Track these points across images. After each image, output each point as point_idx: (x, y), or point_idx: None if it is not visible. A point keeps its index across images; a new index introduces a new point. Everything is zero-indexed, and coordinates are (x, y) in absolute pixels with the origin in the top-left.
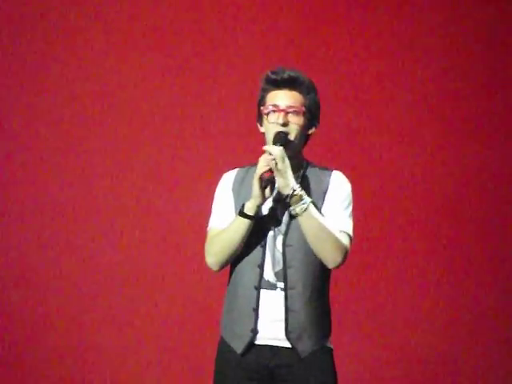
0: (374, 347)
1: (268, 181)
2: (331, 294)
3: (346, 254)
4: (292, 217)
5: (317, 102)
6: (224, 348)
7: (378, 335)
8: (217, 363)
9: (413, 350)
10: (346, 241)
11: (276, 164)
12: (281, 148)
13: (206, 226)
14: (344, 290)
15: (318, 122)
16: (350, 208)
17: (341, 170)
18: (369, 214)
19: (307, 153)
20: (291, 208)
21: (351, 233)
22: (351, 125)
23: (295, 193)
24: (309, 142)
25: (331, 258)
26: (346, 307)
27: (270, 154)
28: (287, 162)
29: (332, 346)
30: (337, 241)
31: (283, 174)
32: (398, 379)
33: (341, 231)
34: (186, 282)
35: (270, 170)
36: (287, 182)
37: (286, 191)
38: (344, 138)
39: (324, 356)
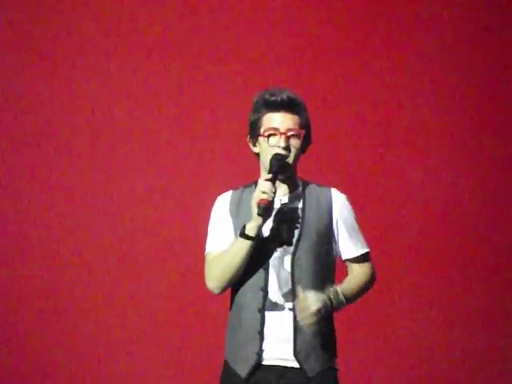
0: (378, 367)
1: (265, 210)
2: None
3: (375, 275)
4: (303, 232)
5: (309, 121)
6: (229, 371)
7: (382, 353)
8: None
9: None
10: (368, 267)
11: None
12: (268, 186)
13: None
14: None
15: (311, 141)
16: (357, 224)
17: (335, 186)
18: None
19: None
20: (337, 307)
21: (368, 248)
22: (349, 125)
23: (333, 300)
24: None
25: (369, 290)
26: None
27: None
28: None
29: (337, 367)
30: (368, 282)
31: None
32: None
33: (362, 255)
34: (188, 291)
35: (267, 200)
36: (324, 297)
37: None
38: (340, 140)
39: (330, 377)
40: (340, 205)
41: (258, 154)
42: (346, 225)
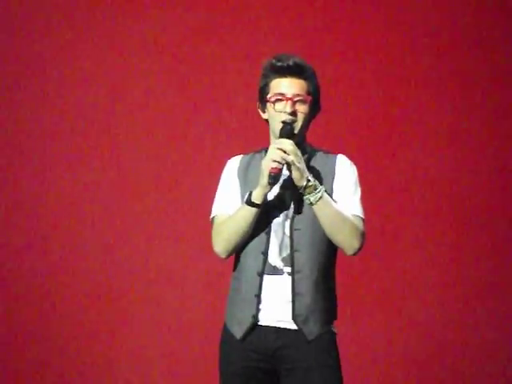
0: (376, 331)
1: (275, 178)
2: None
3: (363, 238)
4: (300, 204)
5: (318, 87)
6: (227, 333)
7: (382, 319)
8: (220, 349)
9: (419, 334)
10: (360, 225)
11: (289, 159)
12: (291, 142)
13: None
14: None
15: (320, 107)
16: (359, 191)
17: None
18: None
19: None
20: (305, 197)
21: (363, 216)
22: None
23: (309, 183)
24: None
25: (349, 244)
26: (351, 293)
27: (281, 150)
28: (299, 154)
29: (336, 331)
30: (353, 226)
31: (297, 167)
32: (401, 364)
33: (354, 215)
34: (191, 278)
35: (278, 168)
36: (302, 175)
37: (301, 183)
38: (348, 128)
39: (328, 340)
40: (342, 168)
41: (267, 121)
42: (343, 186)
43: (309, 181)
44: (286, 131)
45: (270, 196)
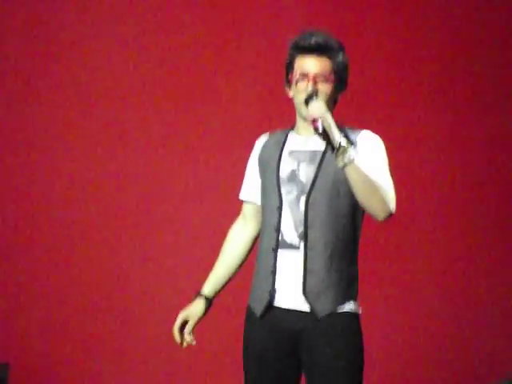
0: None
1: (320, 131)
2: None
3: (395, 203)
4: (319, 174)
5: (345, 64)
6: (249, 311)
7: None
8: (244, 329)
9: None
10: (392, 191)
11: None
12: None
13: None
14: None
15: (347, 85)
16: (387, 162)
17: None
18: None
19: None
20: (339, 159)
21: (393, 186)
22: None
23: (342, 144)
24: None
25: (380, 209)
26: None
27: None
28: (330, 115)
29: (359, 311)
30: (385, 190)
31: (331, 127)
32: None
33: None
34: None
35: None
36: (333, 136)
37: (335, 143)
38: None
39: (346, 319)
40: (365, 142)
41: (293, 98)
42: (370, 160)
43: (340, 142)
44: (311, 98)
45: (285, 172)
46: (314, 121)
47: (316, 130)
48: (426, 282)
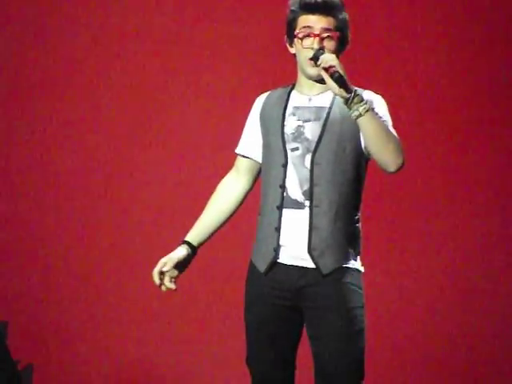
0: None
1: (339, 76)
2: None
3: (404, 156)
4: (326, 131)
5: (347, 21)
6: (252, 268)
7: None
8: (246, 284)
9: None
10: (401, 145)
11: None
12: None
13: None
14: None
15: (348, 42)
16: (390, 120)
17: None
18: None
19: None
20: (353, 109)
21: (396, 135)
22: None
23: (357, 93)
24: None
25: (393, 160)
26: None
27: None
28: (342, 66)
29: (361, 269)
30: (397, 141)
31: (344, 77)
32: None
33: None
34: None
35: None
36: (348, 85)
37: (348, 94)
38: None
39: (349, 276)
40: (370, 100)
41: (294, 55)
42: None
43: (355, 91)
44: (319, 53)
45: (290, 129)
46: (330, 67)
47: (332, 75)
48: (428, 279)
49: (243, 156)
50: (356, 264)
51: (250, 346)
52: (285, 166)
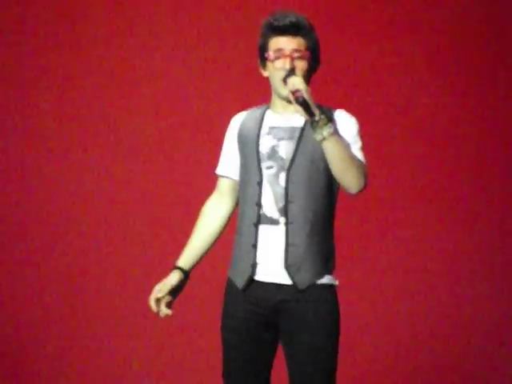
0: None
1: (302, 100)
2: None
3: (367, 179)
4: (299, 150)
5: (317, 41)
6: (230, 285)
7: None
8: (224, 301)
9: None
10: (365, 168)
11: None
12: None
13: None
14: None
15: (319, 62)
16: (359, 141)
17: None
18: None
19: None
20: (317, 132)
21: (365, 162)
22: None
23: (322, 117)
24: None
25: (356, 183)
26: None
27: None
28: (309, 89)
29: (336, 283)
30: (360, 164)
31: (309, 100)
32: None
33: None
34: None
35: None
36: (313, 108)
37: (314, 117)
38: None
39: (325, 291)
40: (340, 121)
41: (267, 78)
42: (343, 135)
43: (321, 115)
44: (290, 74)
45: (265, 148)
46: (296, 91)
47: (297, 100)
48: (425, 279)
49: (223, 176)
50: (331, 279)
51: (226, 362)
52: (260, 183)
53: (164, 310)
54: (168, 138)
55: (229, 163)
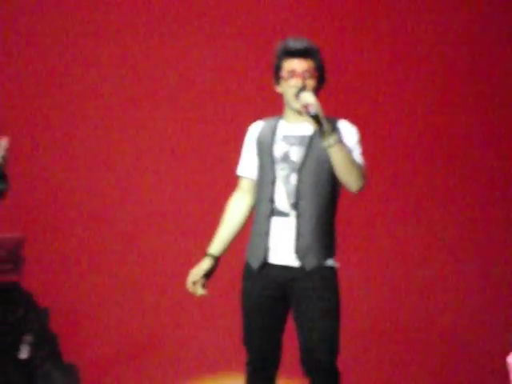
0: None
1: (313, 113)
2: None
3: (365, 179)
4: (308, 155)
5: (323, 63)
6: (247, 267)
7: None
8: (242, 280)
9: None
10: (364, 170)
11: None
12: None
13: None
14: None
15: (325, 80)
16: (359, 148)
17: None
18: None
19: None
20: (325, 140)
21: (364, 166)
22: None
23: (329, 128)
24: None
25: (356, 183)
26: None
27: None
28: (319, 104)
29: (337, 265)
30: (360, 168)
31: (319, 113)
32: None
33: None
34: None
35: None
36: (323, 120)
37: (323, 128)
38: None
39: (327, 271)
40: (343, 130)
41: (280, 93)
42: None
43: (328, 125)
44: (301, 91)
45: (279, 153)
46: (307, 106)
47: (309, 113)
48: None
49: (244, 177)
50: (332, 262)
51: (246, 330)
52: (273, 182)
53: (200, 291)
54: (196, 147)
55: (248, 165)
